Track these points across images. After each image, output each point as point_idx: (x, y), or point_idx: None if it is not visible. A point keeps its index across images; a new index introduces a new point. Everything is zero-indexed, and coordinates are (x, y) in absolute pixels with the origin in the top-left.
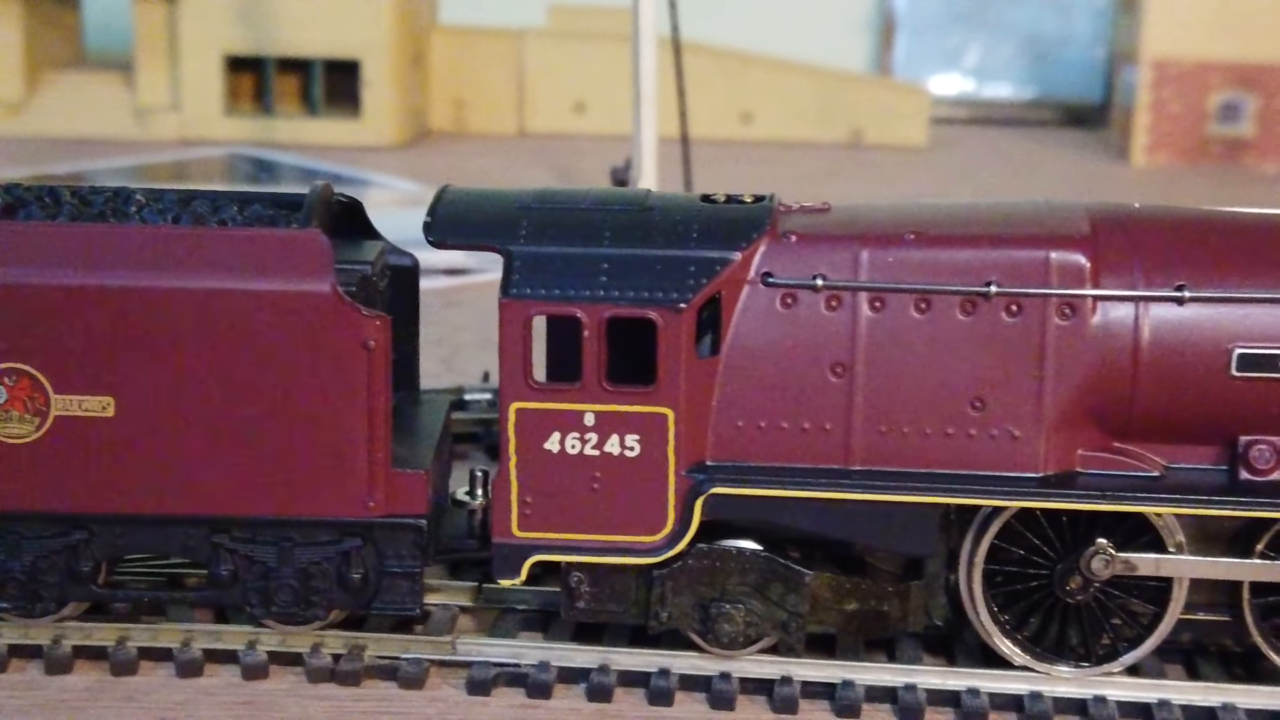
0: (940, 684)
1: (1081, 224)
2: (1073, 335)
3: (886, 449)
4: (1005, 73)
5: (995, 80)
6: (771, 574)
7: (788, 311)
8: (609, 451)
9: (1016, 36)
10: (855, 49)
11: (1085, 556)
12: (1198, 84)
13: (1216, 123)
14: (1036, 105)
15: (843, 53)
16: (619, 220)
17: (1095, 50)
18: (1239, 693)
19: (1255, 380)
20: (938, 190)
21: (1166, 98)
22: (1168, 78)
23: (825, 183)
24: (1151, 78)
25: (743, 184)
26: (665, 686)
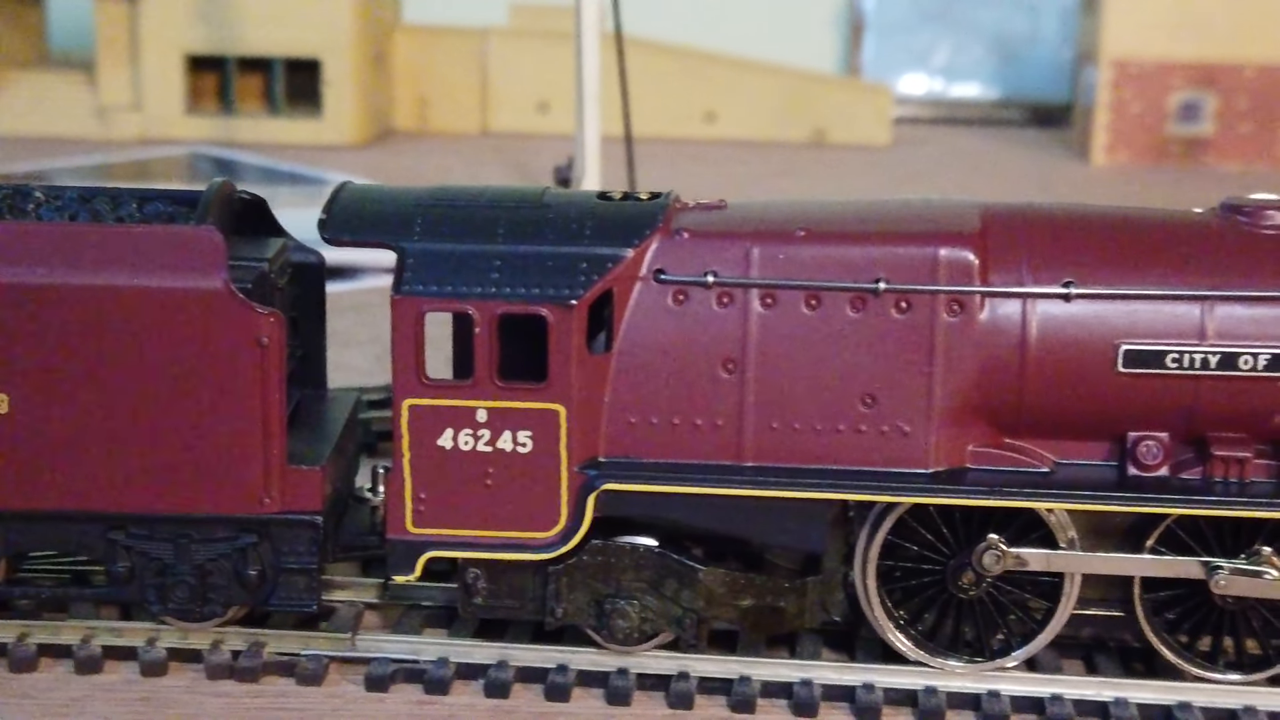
0: (837, 679)
1: (971, 221)
2: (961, 332)
3: (778, 445)
4: (974, 73)
5: (963, 80)
6: (665, 570)
7: (679, 308)
8: (502, 448)
9: (985, 36)
10: (824, 49)
11: (977, 552)
12: (1157, 84)
13: (1176, 122)
14: (1003, 105)
15: (812, 52)
16: (513, 218)
17: (1063, 50)
18: (1132, 687)
19: (1141, 376)
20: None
21: (1126, 97)
22: (1127, 77)
23: (786, 182)
24: (1111, 77)
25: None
26: (563, 682)
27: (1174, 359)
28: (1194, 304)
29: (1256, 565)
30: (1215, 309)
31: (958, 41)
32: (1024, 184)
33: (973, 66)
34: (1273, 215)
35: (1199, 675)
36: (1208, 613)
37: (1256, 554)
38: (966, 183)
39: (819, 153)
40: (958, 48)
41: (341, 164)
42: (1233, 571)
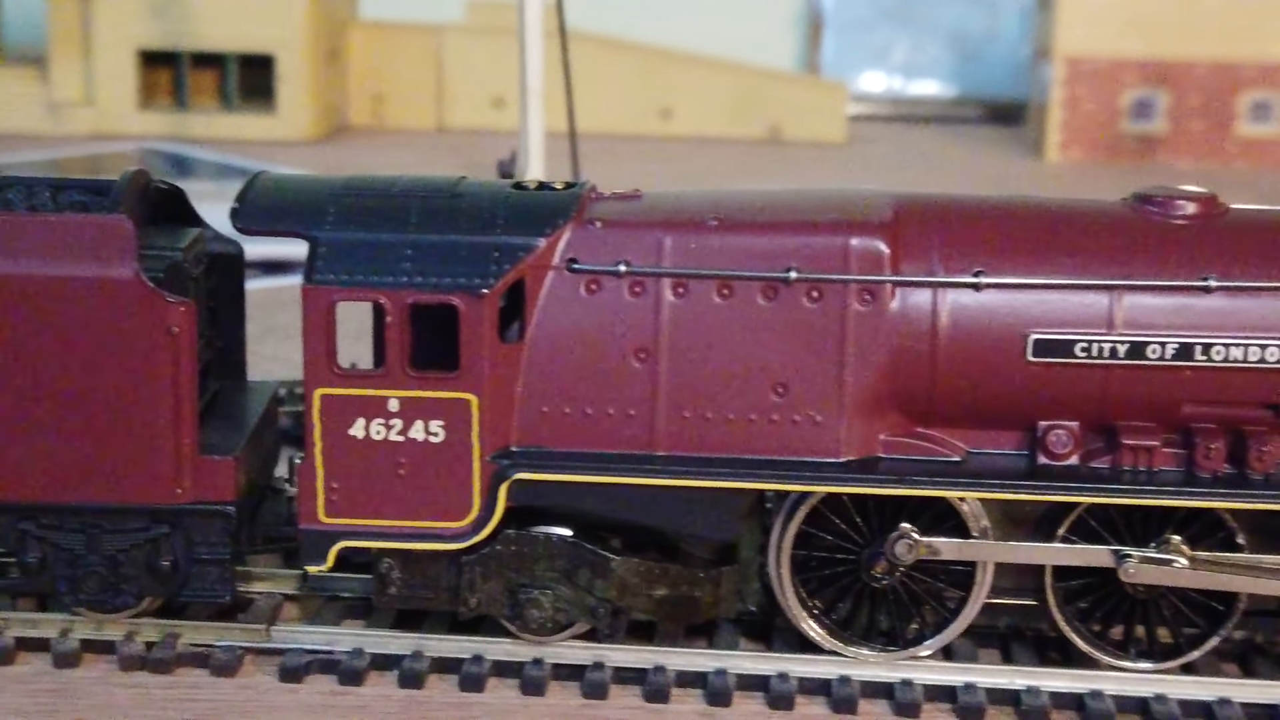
0: (751, 668)
1: (884, 211)
2: (872, 321)
3: (690, 434)
4: (932, 70)
5: (922, 78)
6: (579, 560)
7: (592, 297)
8: (414, 437)
9: (944, 35)
10: (783, 47)
11: (890, 541)
12: (1111, 81)
13: (1129, 119)
14: (961, 103)
15: (771, 50)
16: (425, 207)
17: (1022, 48)
18: (1044, 675)
19: (1051, 365)
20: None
21: (1080, 95)
22: (1081, 75)
23: (741, 179)
24: (1065, 74)
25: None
26: (477, 673)
27: (1083, 348)
28: (1103, 294)
29: (1165, 554)
30: (1123, 299)
31: (917, 40)
32: (977, 181)
33: (931, 64)
34: (1182, 205)
35: (1111, 664)
36: (1119, 601)
37: (1166, 542)
38: (919, 180)
39: (774, 150)
40: (916, 46)
41: (295, 159)
42: (1141, 560)
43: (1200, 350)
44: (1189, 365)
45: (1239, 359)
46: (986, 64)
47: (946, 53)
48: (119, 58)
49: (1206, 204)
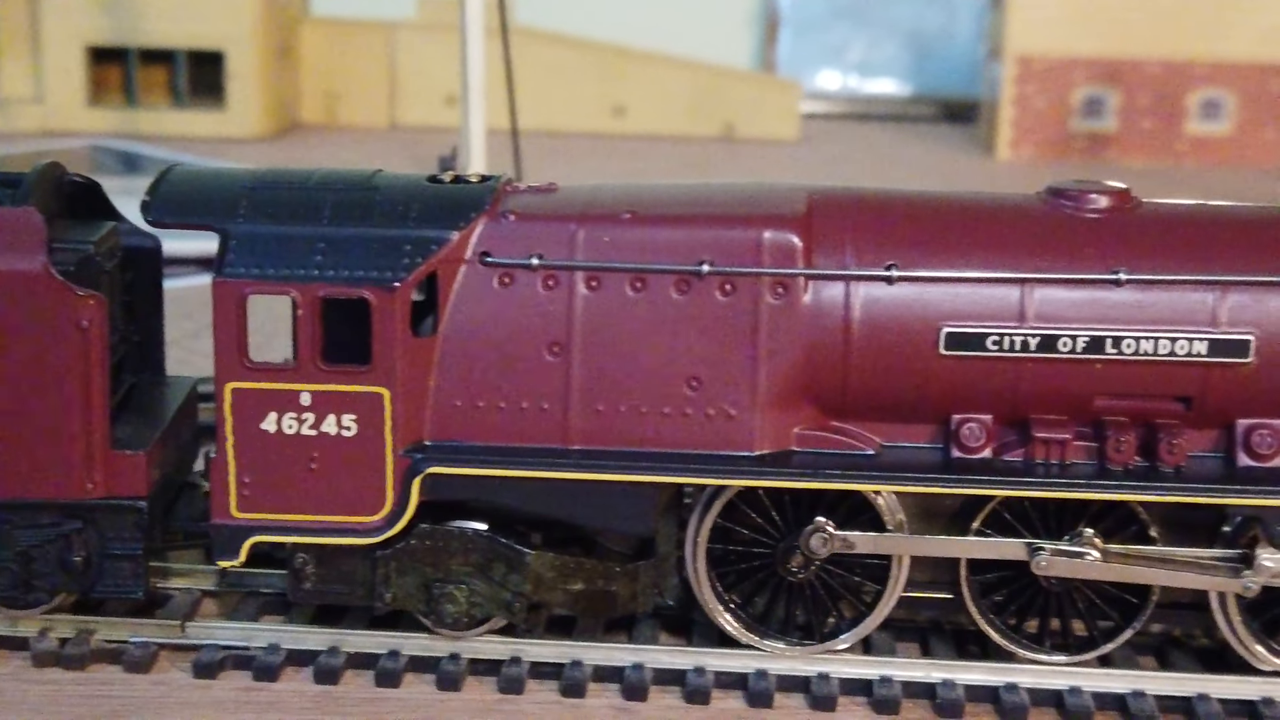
0: (669, 663)
1: (798, 205)
2: (785, 314)
3: (604, 428)
4: (888, 69)
5: (878, 76)
6: (494, 554)
7: (505, 291)
8: (326, 431)
9: (899, 33)
10: (740, 45)
11: (804, 535)
12: (1061, 79)
13: (1080, 117)
14: (917, 101)
15: (727, 49)
16: (339, 200)
17: (977, 47)
18: (959, 669)
19: (963, 359)
20: None
21: (1030, 93)
22: (1032, 73)
23: (693, 176)
24: (1015, 73)
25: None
26: (393, 668)
27: (994, 341)
28: (1014, 287)
29: (1078, 547)
30: (1035, 292)
31: (873, 38)
32: (927, 178)
33: (887, 63)
34: (1095, 199)
35: (1027, 656)
36: (1035, 594)
37: (1079, 535)
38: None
39: (727, 147)
40: (872, 44)
41: (244, 157)
42: (1054, 553)
43: (1111, 343)
44: (1100, 358)
45: (1149, 352)
46: (942, 63)
47: (902, 51)
48: (68, 54)
49: (1119, 198)
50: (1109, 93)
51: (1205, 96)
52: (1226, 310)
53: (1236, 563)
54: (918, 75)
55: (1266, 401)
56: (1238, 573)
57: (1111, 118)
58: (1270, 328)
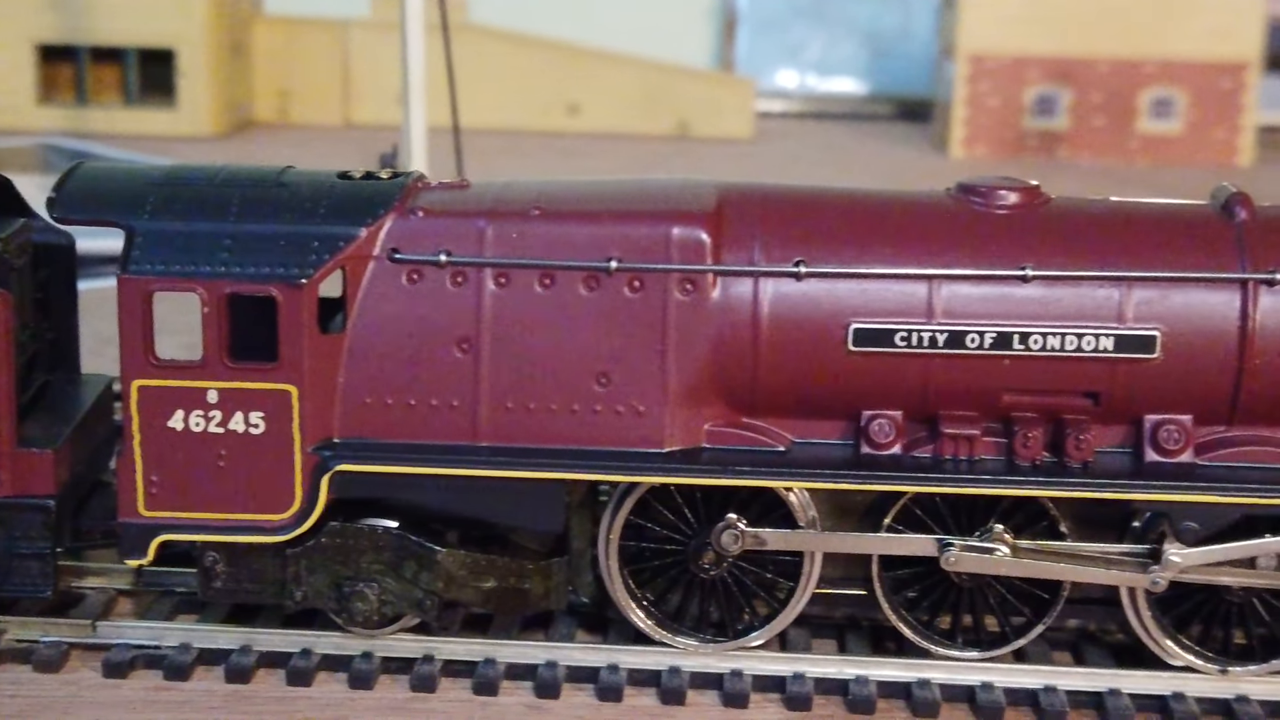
0: (582, 660)
1: (707, 201)
2: (694, 311)
3: (513, 425)
4: (846, 68)
5: (836, 75)
6: (404, 552)
7: (414, 287)
8: (234, 429)
9: (857, 32)
10: (698, 44)
11: (716, 532)
12: (1013, 78)
13: (1032, 116)
14: (874, 100)
15: (685, 48)
16: (247, 196)
17: (934, 46)
18: (873, 665)
19: (871, 355)
20: None
21: (983, 91)
22: (984, 72)
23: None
24: (968, 71)
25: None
26: (304, 666)
27: (902, 338)
28: (921, 283)
29: (987, 543)
30: (942, 288)
31: (830, 37)
32: (879, 177)
33: (845, 62)
34: (1004, 196)
35: (940, 652)
36: (947, 590)
37: (989, 531)
38: (821, 176)
39: (681, 145)
40: (830, 43)
41: (195, 155)
42: (963, 549)
43: (1018, 339)
44: (1007, 354)
45: (1056, 348)
46: (899, 61)
47: (860, 50)
48: (17, 52)
49: (1028, 194)
50: (1061, 91)
51: (1156, 95)
52: (1132, 306)
53: (1145, 558)
54: (875, 74)
55: (1173, 397)
56: (1146, 568)
57: (1063, 116)
58: (1176, 323)
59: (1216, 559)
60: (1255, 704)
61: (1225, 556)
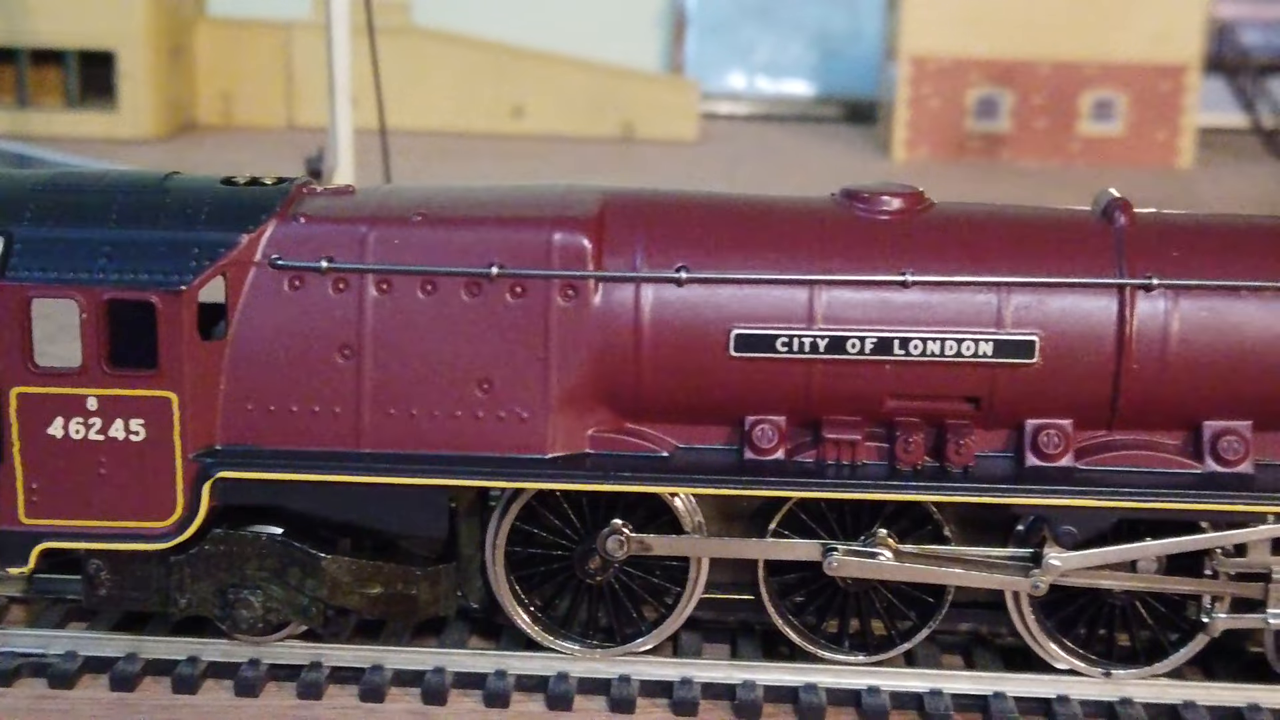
0: (470, 666)
1: (590, 207)
2: (576, 317)
3: (396, 431)
4: (795, 70)
5: (785, 77)
6: (289, 559)
7: (295, 294)
8: (114, 436)
9: (806, 34)
10: (647, 46)
11: (601, 537)
12: (956, 80)
13: (974, 118)
14: (822, 102)
15: (634, 50)
16: (128, 203)
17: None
18: (760, 669)
19: (753, 360)
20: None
21: (925, 93)
22: (926, 74)
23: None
24: (910, 74)
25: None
26: (190, 674)
27: (784, 343)
28: (802, 288)
29: (870, 547)
30: (823, 293)
31: (780, 39)
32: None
33: (794, 64)
34: (887, 201)
35: (828, 657)
36: (833, 595)
37: (872, 536)
38: (763, 178)
39: (625, 148)
40: (780, 45)
41: (134, 158)
42: (846, 553)
43: (898, 345)
44: (888, 360)
45: (936, 353)
46: (848, 64)
47: (809, 52)
48: None
49: (911, 200)
50: (1003, 93)
51: (1097, 97)
52: (1011, 311)
53: (1027, 562)
54: (824, 76)
55: (1053, 401)
56: (1028, 572)
57: (1005, 118)
58: (1054, 329)
59: (1096, 563)
60: (1139, 707)
61: (1105, 560)
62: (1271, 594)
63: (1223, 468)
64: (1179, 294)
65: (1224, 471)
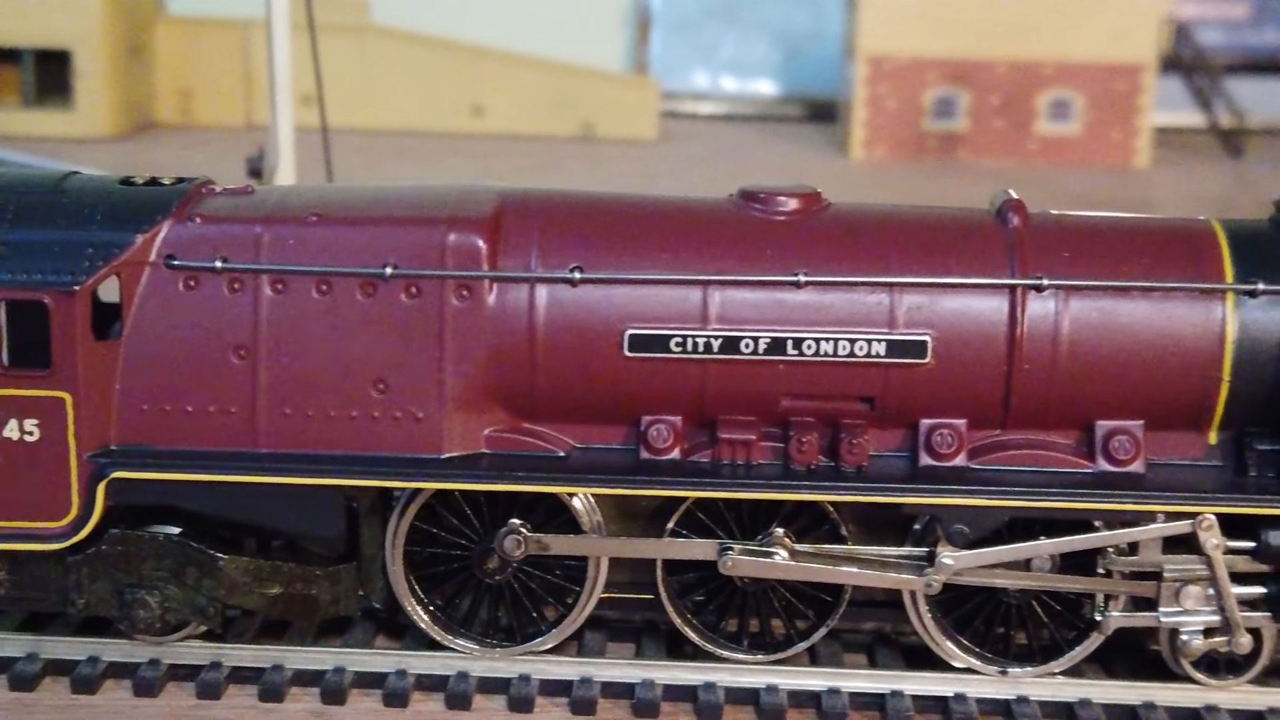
0: (370, 665)
1: (485, 207)
2: (471, 317)
3: (292, 431)
4: (759, 69)
5: (749, 76)
6: (186, 559)
7: (191, 294)
8: (8, 436)
9: (771, 34)
10: (612, 45)
11: (499, 537)
12: (913, 80)
13: (931, 118)
14: (785, 101)
15: (599, 49)
16: (24, 203)
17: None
18: (659, 669)
19: (648, 360)
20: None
21: (883, 93)
22: (883, 73)
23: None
24: (867, 73)
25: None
26: (89, 674)
27: (678, 343)
28: (696, 289)
29: (767, 547)
30: (716, 294)
31: (744, 38)
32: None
33: (759, 63)
34: (783, 202)
35: (728, 656)
36: (732, 594)
37: (769, 535)
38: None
39: (584, 147)
40: (744, 45)
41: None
42: (741, 552)
43: (792, 345)
44: (782, 360)
45: (830, 353)
46: (811, 63)
47: (773, 51)
48: None
49: (807, 200)
50: (960, 93)
51: (1054, 97)
52: (904, 312)
53: (921, 561)
54: (788, 75)
55: (947, 401)
56: (922, 571)
57: (963, 118)
58: (946, 329)
59: (989, 561)
60: (1034, 705)
61: (997, 559)
62: (1163, 592)
63: (1114, 467)
64: (1070, 294)
65: (1115, 471)
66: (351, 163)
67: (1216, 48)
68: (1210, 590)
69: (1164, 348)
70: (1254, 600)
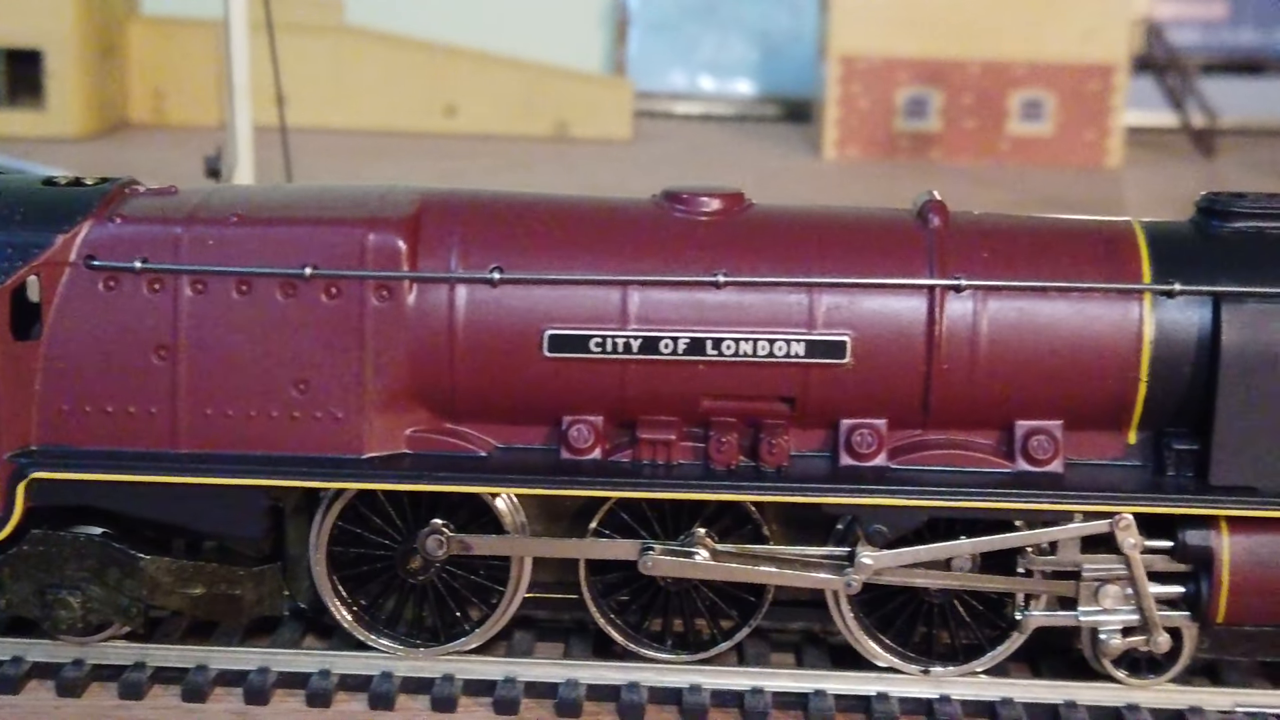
0: (293, 666)
1: (406, 207)
2: (391, 317)
3: (213, 431)
4: (737, 69)
5: (727, 76)
6: (108, 559)
7: (111, 294)
8: None
9: (748, 33)
10: (590, 45)
11: (421, 537)
12: (885, 79)
13: (904, 118)
14: (763, 101)
15: (577, 48)
16: None
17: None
18: (585, 668)
19: (567, 360)
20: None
21: (855, 93)
22: (855, 73)
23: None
24: (840, 73)
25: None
26: (12, 675)
27: (597, 343)
28: (615, 289)
29: (688, 547)
30: (635, 294)
31: (722, 38)
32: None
33: (737, 63)
34: (705, 202)
35: (652, 656)
36: (655, 594)
37: (691, 535)
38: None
39: (558, 147)
40: (722, 44)
41: (60, 158)
42: (663, 552)
43: (711, 345)
44: (702, 360)
45: (749, 353)
46: (788, 63)
47: (752, 51)
48: None
49: (730, 201)
50: (932, 93)
51: (1026, 97)
52: (823, 312)
53: (842, 560)
54: (765, 75)
55: (867, 401)
56: (842, 570)
57: (935, 118)
58: (865, 329)
59: (908, 561)
60: (956, 704)
61: (916, 559)
62: (1083, 592)
63: (1033, 467)
64: (988, 294)
65: (1034, 471)
66: (319, 163)
67: (1194, 47)
68: (1129, 590)
69: (1082, 348)
70: (1172, 599)
